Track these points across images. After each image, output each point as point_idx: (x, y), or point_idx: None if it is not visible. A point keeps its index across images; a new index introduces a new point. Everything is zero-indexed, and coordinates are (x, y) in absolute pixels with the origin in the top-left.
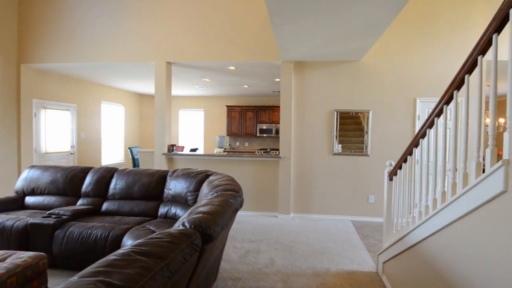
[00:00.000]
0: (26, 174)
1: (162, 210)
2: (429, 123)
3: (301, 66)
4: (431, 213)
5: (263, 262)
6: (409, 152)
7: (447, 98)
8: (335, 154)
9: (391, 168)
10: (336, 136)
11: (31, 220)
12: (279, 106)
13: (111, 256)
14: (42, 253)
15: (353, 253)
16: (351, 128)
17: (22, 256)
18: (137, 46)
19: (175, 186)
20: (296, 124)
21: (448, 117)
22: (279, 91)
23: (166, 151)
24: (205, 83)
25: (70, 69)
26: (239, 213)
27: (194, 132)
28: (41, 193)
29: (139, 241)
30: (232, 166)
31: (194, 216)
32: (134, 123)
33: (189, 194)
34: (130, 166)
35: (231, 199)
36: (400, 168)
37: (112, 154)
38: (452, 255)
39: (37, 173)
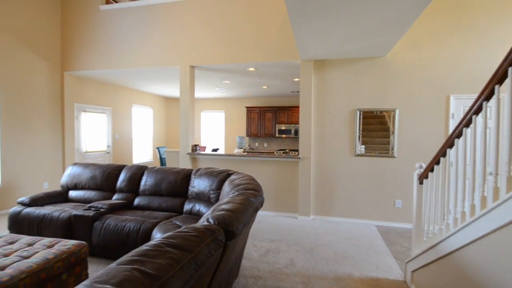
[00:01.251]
0: (69, 170)
1: (187, 206)
2: (466, 122)
3: (321, 65)
4: (468, 220)
5: (283, 262)
6: (442, 153)
7: (487, 93)
8: (358, 155)
9: (422, 170)
10: (359, 136)
11: (74, 212)
12: (298, 107)
13: (144, 247)
14: (83, 242)
15: (378, 259)
16: (375, 128)
17: (67, 244)
18: (164, 52)
19: (198, 184)
20: (316, 124)
21: (488, 115)
22: (298, 91)
23: (190, 151)
24: (226, 85)
25: (106, 76)
26: (259, 212)
27: (215, 133)
28: (82, 188)
29: (169, 233)
30: (251, 166)
31: (217, 213)
32: (161, 124)
33: (211, 192)
34: (158, 165)
35: (252, 198)
36: (432, 170)
37: (142, 154)
38: (494, 267)
39: (78, 170)
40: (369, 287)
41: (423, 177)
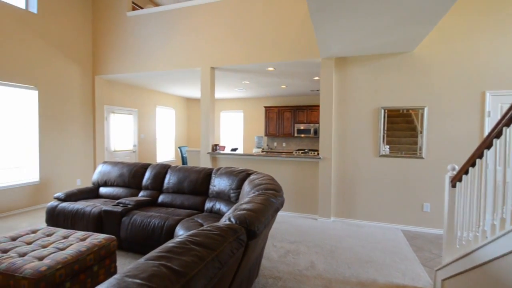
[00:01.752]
0: (100, 168)
1: (208, 205)
2: (506, 120)
3: (343, 62)
4: (509, 228)
5: (303, 264)
6: (478, 154)
7: None
8: (382, 155)
9: (454, 173)
10: (384, 136)
11: (104, 208)
12: (317, 106)
13: (170, 244)
14: (112, 236)
15: (405, 266)
16: (400, 127)
17: (98, 238)
18: (185, 54)
19: (219, 183)
20: (337, 124)
21: None
22: (317, 90)
23: (210, 150)
24: (245, 85)
25: (132, 79)
26: (278, 212)
27: (234, 132)
28: (111, 185)
29: (192, 231)
30: (270, 166)
31: (238, 212)
32: (182, 124)
33: (231, 191)
34: (179, 163)
35: (272, 198)
36: (466, 173)
37: (165, 153)
38: None
39: (108, 168)
40: None
41: (456, 180)
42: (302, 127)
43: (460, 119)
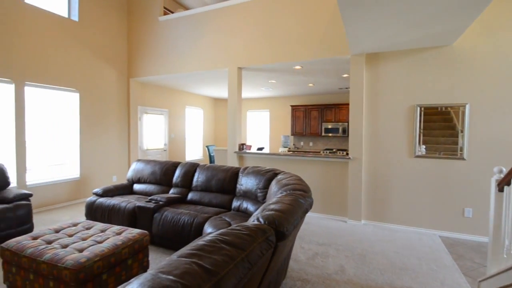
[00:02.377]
0: (134, 166)
1: (235, 203)
2: None
3: (374, 58)
4: None
5: (333, 268)
6: None
7: None
8: (418, 156)
9: (502, 175)
10: (419, 135)
11: (138, 204)
12: (346, 104)
13: (201, 241)
14: (145, 231)
15: (443, 275)
16: (438, 126)
17: (132, 232)
18: (213, 55)
19: (246, 182)
20: (368, 123)
21: None
22: (346, 88)
23: (237, 149)
24: (271, 85)
25: (163, 80)
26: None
27: (260, 132)
28: (144, 182)
29: (222, 230)
30: (297, 166)
31: (267, 212)
32: (210, 124)
33: (258, 191)
34: (207, 162)
35: (301, 199)
36: None
37: (193, 151)
38: None
39: (141, 166)
40: None
41: (503, 183)
42: (329, 126)
43: (506, 117)
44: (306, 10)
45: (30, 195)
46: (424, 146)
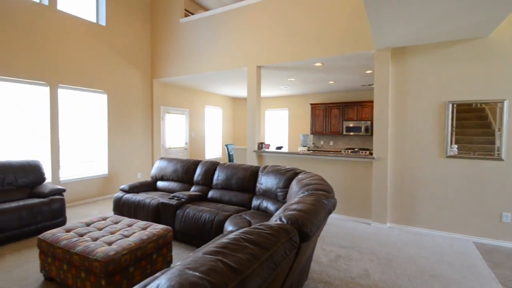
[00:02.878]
0: (157, 164)
1: (255, 202)
2: None
3: (400, 53)
4: None
5: (356, 271)
6: None
7: None
8: (450, 156)
9: None
10: (451, 134)
11: (161, 200)
12: (369, 101)
13: (224, 239)
14: (169, 227)
15: (479, 284)
16: (471, 124)
17: (156, 227)
18: (233, 55)
19: (266, 182)
20: (394, 121)
21: None
22: (369, 85)
23: (256, 148)
24: (290, 83)
25: (184, 81)
26: None
27: (279, 131)
28: (167, 179)
29: (245, 229)
30: (317, 165)
31: (289, 212)
32: (229, 123)
33: (278, 190)
34: (226, 161)
35: (324, 199)
36: None
37: (213, 150)
38: None
39: (164, 164)
40: None
41: None
42: (351, 125)
43: None
44: (326, 5)
45: (64, 190)
46: (456, 146)
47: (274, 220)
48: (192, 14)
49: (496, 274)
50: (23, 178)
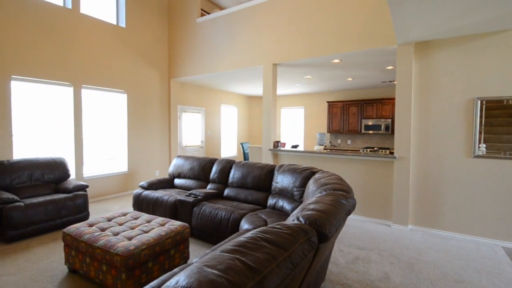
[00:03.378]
0: (175, 162)
1: (270, 201)
2: None
3: (424, 47)
4: None
5: (376, 274)
6: None
7: None
8: (478, 156)
9: None
10: (480, 132)
11: (178, 197)
12: (389, 99)
13: (242, 238)
14: (186, 224)
15: None
16: (501, 122)
17: (174, 224)
18: (248, 53)
19: (282, 180)
20: (417, 119)
21: None
22: (390, 81)
23: (272, 147)
24: (307, 80)
25: (200, 80)
26: None
27: (294, 129)
28: (184, 177)
29: (262, 228)
30: (334, 165)
31: (307, 212)
32: (244, 121)
33: (295, 189)
34: (241, 159)
35: (342, 199)
36: None
37: (228, 149)
38: None
39: (181, 162)
40: None
41: None
42: (370, 123)
43: None
44: (344, 3)
45: (87, 186)
46: (484, 145)
47: (291, 220)
48: (208, 13)
49: None
50: (49, 174)
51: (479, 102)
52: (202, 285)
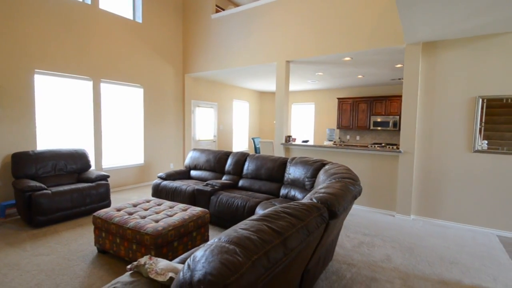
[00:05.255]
0: (191, 154)
1: (283, 191)
2: None
3: (431, 47)
4: None
5: (379, 256)
6: None
7: None
8: (477, 151)
9: None
10: (480, 129)
11: (196, 187)
12: (398, 96)
13: (266, 212)
14: (206, 209)
15: (497, 271)
16: (502, 120)
17: (196, 209)
18: (262, 50)
19: (294, 172)
20: (422, 115)
21: None
22: (399, 79)
23: (283, 141)
24: (318, 77)
25: (214, 76)
26: (352, 206)
27: (305, 125)
28: (200, 169)
29: (282, 205)
30: (343, 158)
31: (319, 195)
32: (255, 116)
33: (306, 179)
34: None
35: (350, 186)
36: None
37: (240, 143)
38: None
39: (197, 154)
40: None
41: None
42: (379, 120)
43: None
44: (356, 1)
45: (108, 176)
46: (486, 142)
47: (305, 201)
48: (223, 9)
49: None
50: (72, 164)
51: (480, 100)
52: (240, 240)
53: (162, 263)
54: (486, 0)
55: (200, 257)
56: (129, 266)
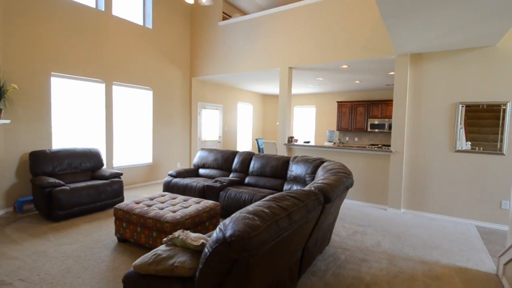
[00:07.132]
0: (199, 153)
1: (286, 186)
2: None
3: (418, 58)
4: None
5: (370, 242)
6: None
7: None
8: (458, 151)
9: None
10: (460, 131)
11: (206, 183)
12: (392, 100)
13: (274, 195)
14: (217, 202)
15: (471, 254)
16: (479, 123)
17: (208, 202)
18: (266, 56)
19: (296, 169)
20: (411, 119)
21: None
22: (393, 84)
23: (286, 142)
24: (319, 82)
25: (220, 79)
26: (348, 201)
27: (306, 126)
28: (208, 167)
29: (284, 191)
30: (342, 158)
31: (316, 184)
32: (259, 118)
33: (307, 176)
34: None
35: (344, 178)
36: None
37: (244, 144)
38: None
39: (205, 154)
40: (455, 273)
41: None
42: (376, 122)
43: None
44: (352, 13)
45: (121, 174)
46: (469, 143)
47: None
48: (229, 16)
49: (488, 248)
50: (86, 163)
51: (460, 106)
52: (257, 211)
53: (193, 234)
54: (460, 20)
55: (229, 223)
56: (165, 239)
